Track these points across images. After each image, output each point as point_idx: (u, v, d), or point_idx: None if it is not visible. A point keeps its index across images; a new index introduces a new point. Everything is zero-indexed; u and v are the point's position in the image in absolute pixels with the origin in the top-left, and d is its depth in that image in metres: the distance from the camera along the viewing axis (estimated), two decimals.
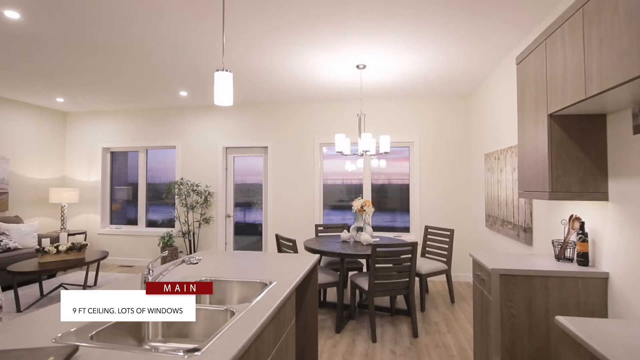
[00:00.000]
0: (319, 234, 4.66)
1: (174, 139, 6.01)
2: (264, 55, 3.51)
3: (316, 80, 4.30)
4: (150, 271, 1.54)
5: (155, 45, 3.33)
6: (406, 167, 5.31)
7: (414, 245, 3.15)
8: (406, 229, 5.28)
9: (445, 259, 4.05)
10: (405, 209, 5.31)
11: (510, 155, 3.35)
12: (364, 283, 3.26)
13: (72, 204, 6.38)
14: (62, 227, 5.90)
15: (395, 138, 5.22)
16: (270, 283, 1.79)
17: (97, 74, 4.18)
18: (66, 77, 4.31)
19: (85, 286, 4.21)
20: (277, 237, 3.57)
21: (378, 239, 3.73)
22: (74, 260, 4.24)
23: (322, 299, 4.07)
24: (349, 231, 4.48)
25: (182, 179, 5.87)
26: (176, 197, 5.79)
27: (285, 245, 3.47)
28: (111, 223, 6.40)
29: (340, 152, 3.65)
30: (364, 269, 5.01)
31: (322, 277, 3.42)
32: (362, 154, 3.63)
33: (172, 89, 4.84)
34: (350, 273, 5.27)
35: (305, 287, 2.43)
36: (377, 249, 3.10)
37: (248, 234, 5.82)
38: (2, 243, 4.77)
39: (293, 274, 1.98)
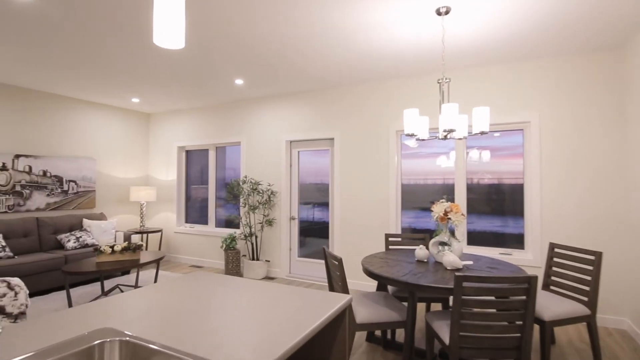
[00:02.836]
0: (390, 247, 3.60)
1: (238, 135, 5.61)
2: (317, 15, 2.66)
3: (384, 43, 3.26)
4: None
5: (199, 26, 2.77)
6: (522, 166, 3.84)
7: (531, 281, 1.90)
8: (519, 241, 3.82)
9: (586, 298, 2.60)
10: (519, 213, 3.85)
11: None
12: (443, 331, 2.13)
13: (152, 202, 6.53)
14: (141, 224, 6.02)
15: (500, 117, 3.81)
16: None
17: (150, 64, 3.89)
18: (125, 72, 4.14)
19: (136, 287, 3.96)
20: (324, 251, 2.67)
21: (470, 263, 2.52)
22: (128, 262, 4.03)
23: (389, 336, 3.02)
24: (427, 246, 3.32)
25: (245, 177, 5.41)
26: (240, 197, 5.35)
27: (331, 263, 2.55)
28: (186, 222, 6.35)
29: (412, 135, 2.55)
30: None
31: (382, 313, 2.39)
32: (445, 136, 2.48)
33: (226, 76, 4.34)
34: (433, 305, 4.03)
35: (329, 341, 1.48)
36: (464, 283, 1.96)
37: (319, 236, 5.03)
38: (80, 239, 4.93)
39: (276, 344, 1.07)
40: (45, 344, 1.06)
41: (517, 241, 3.83)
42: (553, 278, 2.96)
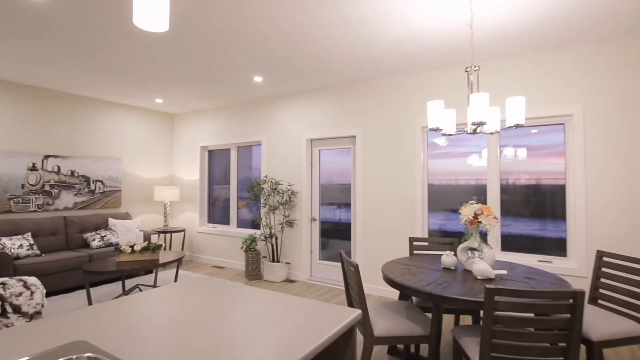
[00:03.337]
0: (415, 252, 3.35)
1: (259, 134, 5.52)
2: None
3: (408, 32, 3.03)
4: None
5: (217, 21, 2.68)
6: (562, 166, 3.48)
7: (577, 297, 1.62)
8: (560, 247, 3.45)
9: None
10: (560, 216, 3.49)
11: None
12: (473, 350, 1.89)
13: (176, 202, 6.58)
14: (164, 224, 6.07)
15: (537, 111, 3.46)
16: None
17: (169, 63, 3.85)
18: (146, 72, 4.14)
19: (155, 287, 3.94)
20: (341, 256, 2.48)
21: (504, 272, 2.24)
22: (147, 262, 4.02)
23: (412, 350, 2.78)
24: (455, 253, 3.06)
25: (266, 176, 5.31)
26: (261, 197, 5.25)
27: (347, 270, 2.36)
28: (209, 222, 6.34)
29: (437, 130, 2.31)
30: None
31: (403, 326, 2.17)
32: (475, 130, 2.22)
33: (245, 73, 4.24)
34: (462, 317, 3.73)
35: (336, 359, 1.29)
36: (496, 297, 1.71)
37: (342, 238, 4.82)
38: (105, 238, 5.01)
39: None
40: (10, 358, 0.95)
41: (558, 247, 3.47)
42: (602, 291, 2.62)
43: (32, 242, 4.27)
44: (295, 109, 5.13)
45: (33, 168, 4.72)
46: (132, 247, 4.09)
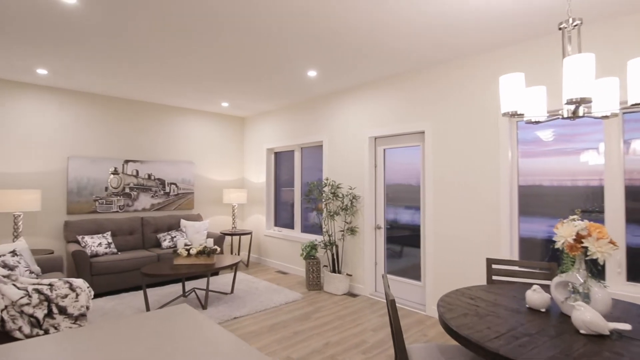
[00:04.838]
0: (495, 277, 2.60)
1: (320, 134, 5.17)
2: None
3: None
4: None
5: (265, 8, 2.45)
6: None
7: None
8: None
9: None
10: None
11: None
12: None
13: (245, 204, 6.64)
14: (232, 226, 6.15)
15: None
16: None
17: (223, 60, 3.76)
18: (209, 76, 4.14)
19: (207, 291, 3.88)
20: (383, 279, 1.95)
21: (627, 327, 1.45)
22: (202, 266, 4.00)
23: None
24: (549, 288, 2.25)
25: (327, 179, 4.93)
26: (322, 201, 4.90)
27: (388, 302, 1.82)
28: (275, 225, 6.24)
29: (515, 115, 1.63)
30: None
31: None
32: (575, 112, 1.49)
33: (297, 68, 3.94)
34: None
35: None
36: None
37: (413, 245, 4.15)
38: (175, 239, 5.21)
39: None
40: None
41: None
42: None
43: (110, 240, 4.60)
44: (355, 105, 4.65)
45: (115, 172, 5.14)
46: (188, 250, 4.11)
